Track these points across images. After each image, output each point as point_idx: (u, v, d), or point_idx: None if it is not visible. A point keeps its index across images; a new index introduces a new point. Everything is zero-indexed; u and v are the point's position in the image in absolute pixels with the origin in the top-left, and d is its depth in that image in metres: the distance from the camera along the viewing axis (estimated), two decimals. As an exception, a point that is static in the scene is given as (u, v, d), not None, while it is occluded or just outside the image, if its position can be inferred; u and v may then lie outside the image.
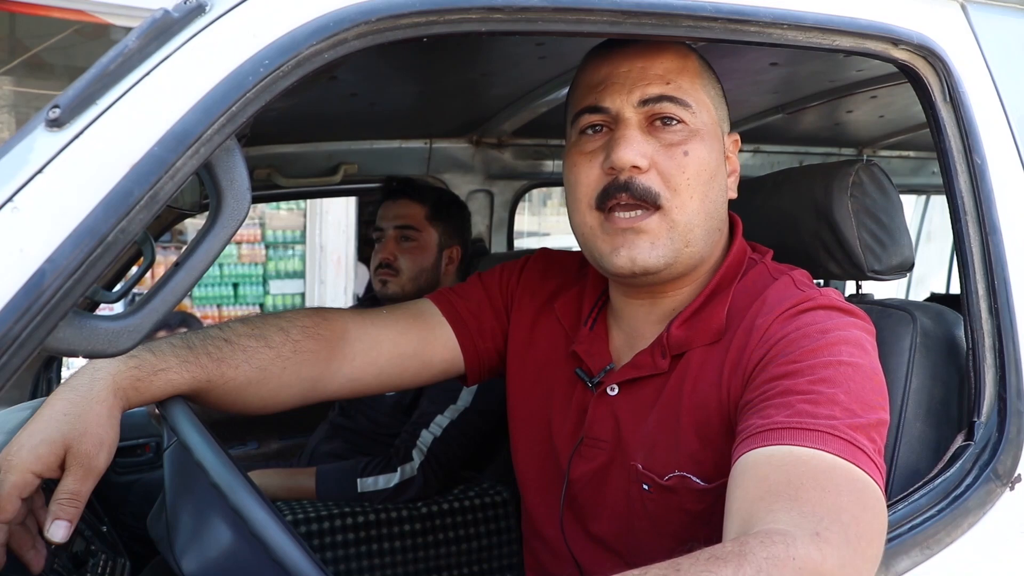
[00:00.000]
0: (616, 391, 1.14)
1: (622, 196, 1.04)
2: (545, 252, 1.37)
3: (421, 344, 1.26)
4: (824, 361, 0.94)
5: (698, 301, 1.11)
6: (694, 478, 1.04)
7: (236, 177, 0.78)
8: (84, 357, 0.76)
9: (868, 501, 0.84)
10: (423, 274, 2.21)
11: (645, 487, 1.08)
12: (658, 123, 1.06)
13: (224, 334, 1.11)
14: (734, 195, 1.16)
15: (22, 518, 0.93)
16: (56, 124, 0.71)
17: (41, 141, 0.71)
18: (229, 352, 1.09)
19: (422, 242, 2.22)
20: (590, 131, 1.10)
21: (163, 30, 0.76)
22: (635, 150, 1.04)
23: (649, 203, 1.04)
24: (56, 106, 0.71)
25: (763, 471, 0.86)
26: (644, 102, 1.06)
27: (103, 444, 0.96)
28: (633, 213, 1.05)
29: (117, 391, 0.99)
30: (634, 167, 1.04)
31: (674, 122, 1.06)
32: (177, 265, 0.79)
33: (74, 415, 0.95)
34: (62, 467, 0.94)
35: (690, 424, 1.05)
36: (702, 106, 1.09)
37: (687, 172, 1.05)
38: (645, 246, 1.05)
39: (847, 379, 0.92)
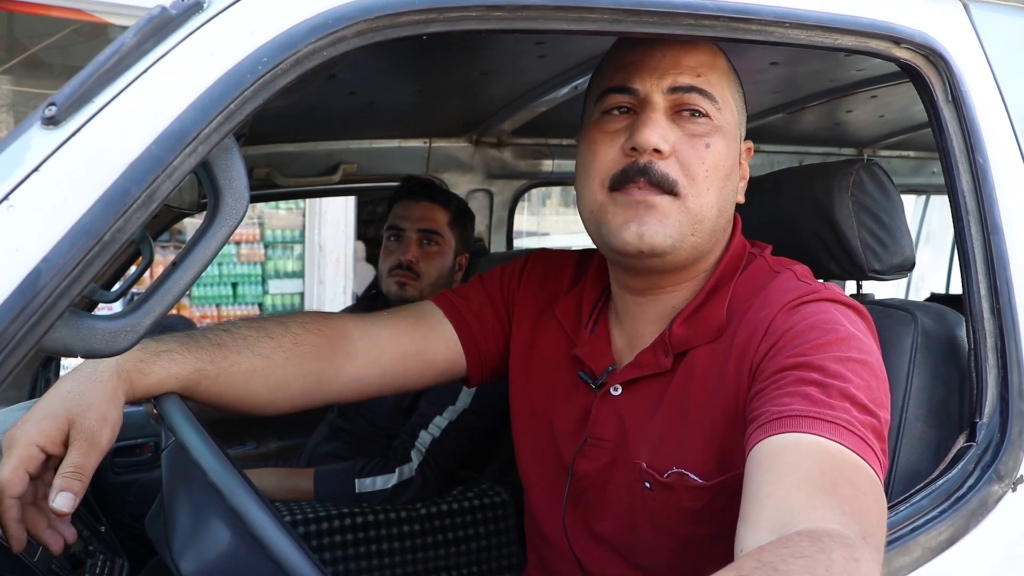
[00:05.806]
0: (619, 391, 1.14)
1: (640, 180, 1.03)
2: (543, 253, 1.36)
3: (423, 342, 1.25)
4: (835, 356, 0.94)
5: (698, 299, 1.11)
6: (692, 475, 1.04)
7: (234, 176, 0.78)
8: (81, 357, 0.76)
9: (882, 505, 0.85)
10: (442, 280, 2.18)
11: (647, 485, 1.08)
12: (685, 113, 1.06)
13: (223, 326, 1.13)
14: (742, 200, 1.16)
15: (32, 497, 0.94)
16: (52, 122, 0.70)
17: (37, 139, 0.70)
18: (230, 340, 1.11)
19: (444, 247, 2.19)
20: (615, 111, 1.08)
21: (160, 27, 0.75)
22: (659, 133, 1.03)
23: (666, 190, 1.04)
24: (52, 104, 0.71)
25: (793, 458, 0.85)
26: (674, 89, 1.05)
27: (107, 420, 0.97)
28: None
29: (121, 373, 1.00)
30: (655, 151, 1.03)
31: (699, 115, 1.06)
32: (174, 264, 0.79)
33: (78, 392, 0.97)
34: (66, 445, 0.94)
35: (697, 421, 1.05)
36: (727, 105, 1.09)
37: (707, 164, 1.05)
38: (654, 223, 1.03)
39: (857, 375, 0.92)
